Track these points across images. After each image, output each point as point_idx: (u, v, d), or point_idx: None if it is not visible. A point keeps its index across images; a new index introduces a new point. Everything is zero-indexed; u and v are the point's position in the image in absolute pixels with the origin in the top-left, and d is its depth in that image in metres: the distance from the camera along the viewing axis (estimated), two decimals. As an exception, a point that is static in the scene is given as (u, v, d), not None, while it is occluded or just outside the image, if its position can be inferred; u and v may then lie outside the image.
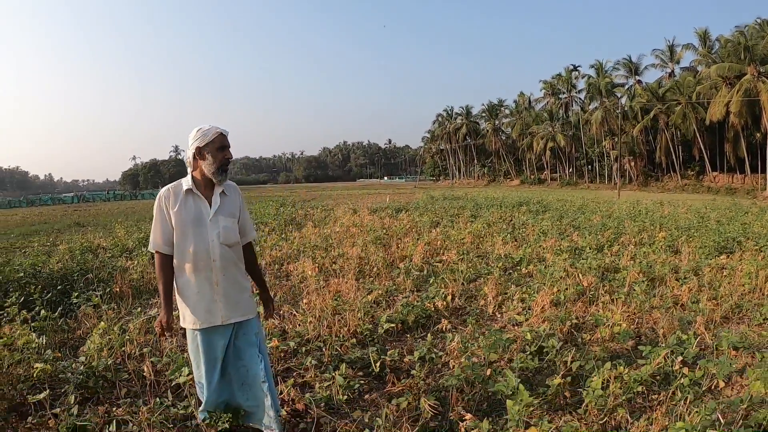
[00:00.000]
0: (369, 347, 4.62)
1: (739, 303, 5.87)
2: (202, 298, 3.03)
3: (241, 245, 3.22)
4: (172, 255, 3.04)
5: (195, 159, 3.04)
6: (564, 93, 70.76)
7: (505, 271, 7.77)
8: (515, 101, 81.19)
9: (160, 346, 4.70)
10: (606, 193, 41.56)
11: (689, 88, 49.13)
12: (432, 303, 5.90)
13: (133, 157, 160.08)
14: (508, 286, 6.80)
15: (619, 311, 5.31)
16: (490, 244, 10.03)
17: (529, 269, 7.63)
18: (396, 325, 5.31)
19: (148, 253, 8.45)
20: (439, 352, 4.46)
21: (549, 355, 4.26)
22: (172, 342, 4.66)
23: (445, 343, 4.69)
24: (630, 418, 3.30)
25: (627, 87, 60.39)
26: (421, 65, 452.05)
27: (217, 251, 3.03)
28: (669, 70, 57.48)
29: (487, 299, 6.21)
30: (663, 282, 6.80)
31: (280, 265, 8.66)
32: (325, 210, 20.50)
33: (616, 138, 50.59)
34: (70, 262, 8.26)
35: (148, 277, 7.44)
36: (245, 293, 3.19)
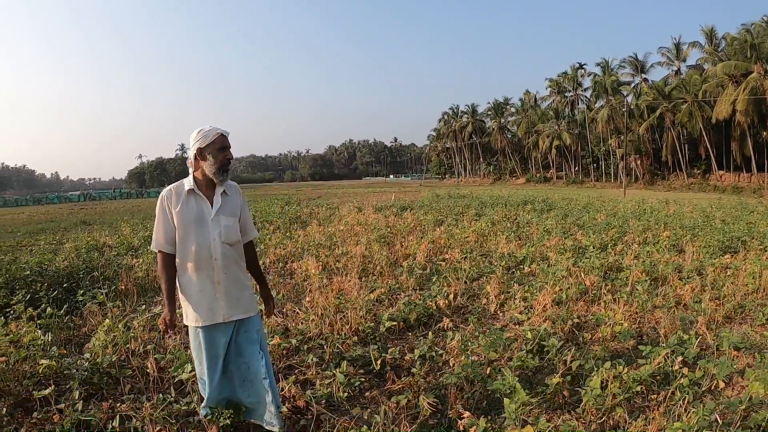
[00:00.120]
0: (370, 345, 4.66)
1: (742, 303, 5.84)
2: (204, 296, 3.08)
3: (242, 244, 3.26)
4: (175, 254, 3.08)
5: (196, 160, 3.08)
6: (570, 91, 70.51)
7: (508, 269, 7.79)
8: (521, 99, 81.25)
9: (164, 343, 4.75)
10: (612, 192, 41.40)
11: (695, 86, 48.85)
12: (434, 301, 5.93)
13: (139, 156, 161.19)
14: (511, 284, 6.81)
15: (621, 310, 5.31)
16: (493, 243, 10.04)
17: (532, 268, 7.63)
18: (398, 324, 5.34)
19: (152, 251, 8.50)
20: (439, 351, 4.48)
21: (549, 354, 4.28)
22: (176, 339, 4.70)
23: (446, 341, 4.72)
24: (628, 418, 3.31)
25: (633, 85, 60.27)
26: (427, 64, 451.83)
27: (218, 250, 3.07)
28: (675, 68, 57.18)
29: (489, 298, 6.22)
30: (666, 281, 6.78)
31: (284, 263, 8.71)
32: (330, 208, 20.55)
33: (622, 136, 50.31)
34: (76, 260, 8.35)
35: (153, 275, 7.50)
36: (246, 291, 3.23)
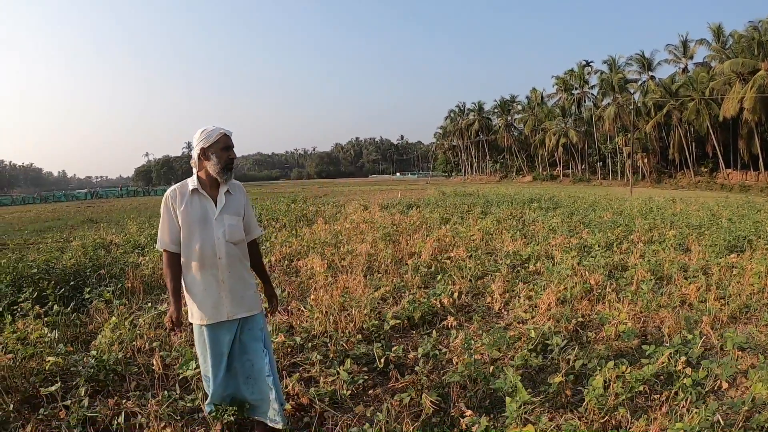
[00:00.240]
0: (374, 343, 4.67)
1: (748, 303, 5.82)
2: (208, 294, 3.10)
3: (246, 242, 3.28)
4: (180, 253, 3.11)
5: (200, 159, 3.10)
6: (576, 89, 70.12)
7: (513, 268, 7.78)
8: (527, 97, 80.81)
9: (170, 341, 4.78)
10: (618, 190, 41.23)
11: (702, 83, 48.58)
12: (438, 300, 5.93)
13: (146, 154, 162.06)
14: (516, 283, 6.81)
15: (626, 310, 5.30)
16: (499, 241, 10.03)
17: (536, 267, 7.62)
18: (402, 322, 5.36)
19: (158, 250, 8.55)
20: (443, 349, 4.50)
21: (553, 353, 4.28)
22: (181, 337, 4.73)
23: (449, 340, 4.73)
24: (630, 418, 3.31)
25: (640, 83, 59.88)
26: (434, 61, 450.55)
27: (222, 249, 3.09)
28: (682, 66, 56.81)
29: (494, 296, 6.22)
30: (671, 281, 6.76)
31: (289, 261, 8.73)
32: (336, 206, 20.57)
33: (629, 134, 50.09)
34: (83, 258, 8.41)
35: (159, 273, 7.54)
36: (250, 289, 3.25)
